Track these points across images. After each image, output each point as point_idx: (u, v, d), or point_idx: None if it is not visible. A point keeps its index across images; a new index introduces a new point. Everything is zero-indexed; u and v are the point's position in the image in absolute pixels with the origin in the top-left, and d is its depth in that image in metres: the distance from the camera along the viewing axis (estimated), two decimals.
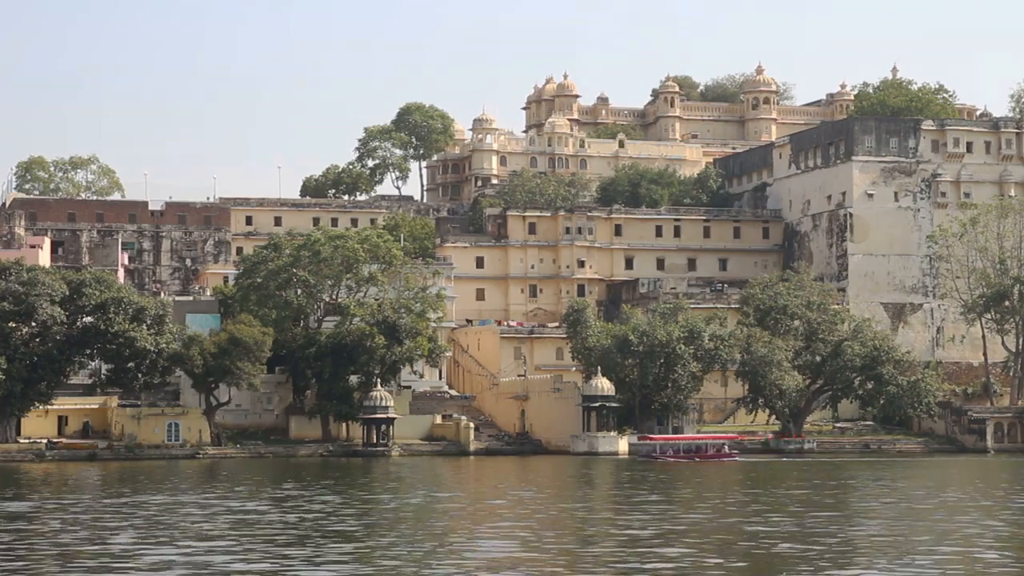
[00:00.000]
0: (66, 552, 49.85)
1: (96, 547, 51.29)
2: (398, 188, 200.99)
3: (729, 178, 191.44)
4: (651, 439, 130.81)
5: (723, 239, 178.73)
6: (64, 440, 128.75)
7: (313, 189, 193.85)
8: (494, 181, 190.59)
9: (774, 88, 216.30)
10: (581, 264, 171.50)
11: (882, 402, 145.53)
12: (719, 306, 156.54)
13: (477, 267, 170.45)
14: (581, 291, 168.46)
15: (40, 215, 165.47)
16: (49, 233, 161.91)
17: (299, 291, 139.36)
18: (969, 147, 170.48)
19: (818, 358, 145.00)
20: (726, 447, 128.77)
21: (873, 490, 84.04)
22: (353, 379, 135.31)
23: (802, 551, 49.25)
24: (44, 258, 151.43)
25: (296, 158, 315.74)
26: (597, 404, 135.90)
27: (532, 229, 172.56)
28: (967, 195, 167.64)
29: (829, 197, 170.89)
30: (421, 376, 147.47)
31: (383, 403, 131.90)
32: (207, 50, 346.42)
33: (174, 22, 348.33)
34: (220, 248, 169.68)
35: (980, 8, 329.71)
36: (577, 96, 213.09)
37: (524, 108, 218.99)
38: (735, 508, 69.10)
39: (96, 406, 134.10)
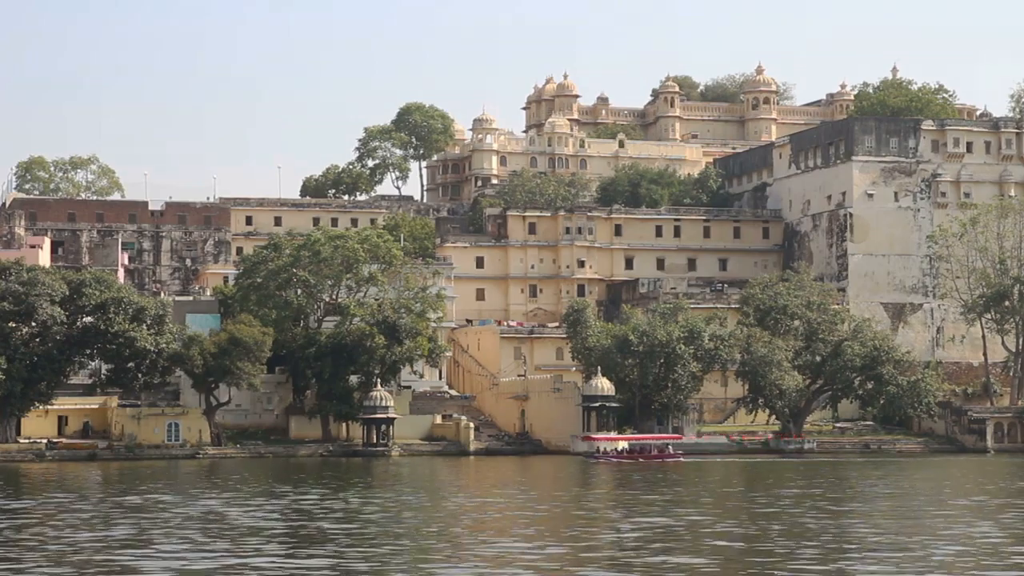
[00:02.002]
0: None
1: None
2: (398, 188, 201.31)
3: (729, 178, 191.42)
4: (593, 439, 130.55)
5: (723, 239, 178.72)
6: (64, 440, 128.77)
7: (313, 189, 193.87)
8: (494, 181, 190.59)
9: (774, 88, 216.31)
10: (581, 264, 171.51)
11: (882, 402, 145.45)
12: (719, 306, 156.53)
13: (477, 267, 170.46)
14: (581, 291, 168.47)
15: (40, 215, 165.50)
16: (49, 233, 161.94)
17: (299, 291, 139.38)
18: (969, 147, 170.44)
19: (818, 358, 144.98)
20: (670, 447, 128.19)
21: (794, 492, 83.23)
22: (353, 379, 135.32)
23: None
24: (44, 258, 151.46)
25: (296, 158, 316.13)
26: (597, 404, 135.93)
27: (532, 229, 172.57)
28: (967, 195, 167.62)
29: (829, 197, 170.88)
30: (421, 376, 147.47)
31: (383, 403, 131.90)
32: (207, 50, 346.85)
33: (174, 22, 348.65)
34: (220, 248, 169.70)
35: (980, 8, 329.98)
36: (577, 96, 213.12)
37: (524, 108, 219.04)
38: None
39: (96, 406, 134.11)
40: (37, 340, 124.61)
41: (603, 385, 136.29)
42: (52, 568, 45.57)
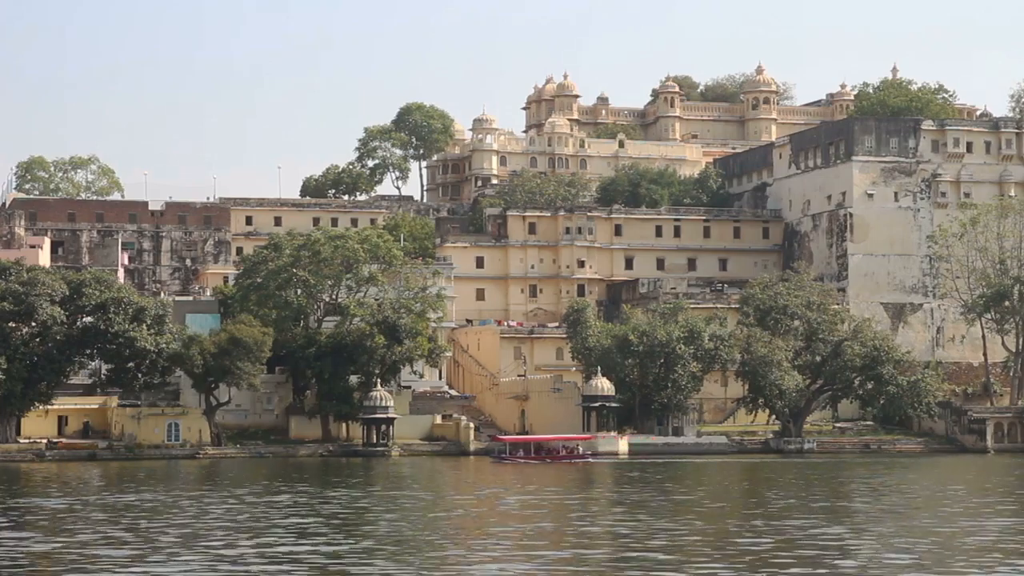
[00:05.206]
0: None
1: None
2: (398, 188, 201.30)
3: (729, 178, 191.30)
4: (501, 439, 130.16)
5: (723, 239, 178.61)
6: (64, 440, 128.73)
7: (313, 189, 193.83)
8: (494, 181, 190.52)
9: (774, 88, 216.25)
10: (581, 264, 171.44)
11: (882, 402, 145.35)
12: (719, 306, 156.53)
13: (477, 267, 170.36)
14: (581, 291, 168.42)
15: (40, 215, 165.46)
16: (49, 233, 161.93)
17: (299, 291, 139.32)
18: (969, 147, 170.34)
19: (818, 358, 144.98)
20: (579, 448, 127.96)
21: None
22: (353, 379, 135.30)
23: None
24: (44, 258, 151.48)
25: (296, 158, 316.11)
26: (597, 404, 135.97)
27: (532, 229, 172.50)
28: (967, 195, 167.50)
29: (829, 197, 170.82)
30: (421, 376, 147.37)
31: (383, 403, 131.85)
32: (207, 50, 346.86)
33: (174, 22, 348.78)
34: (220, 248, 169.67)
35: (980, 8, 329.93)
36: (577, 96, 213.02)
37: (524, 108, 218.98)
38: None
39: (96, 406, 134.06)
40: (37, 340, 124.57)
41: (603, 385, 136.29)
42: None
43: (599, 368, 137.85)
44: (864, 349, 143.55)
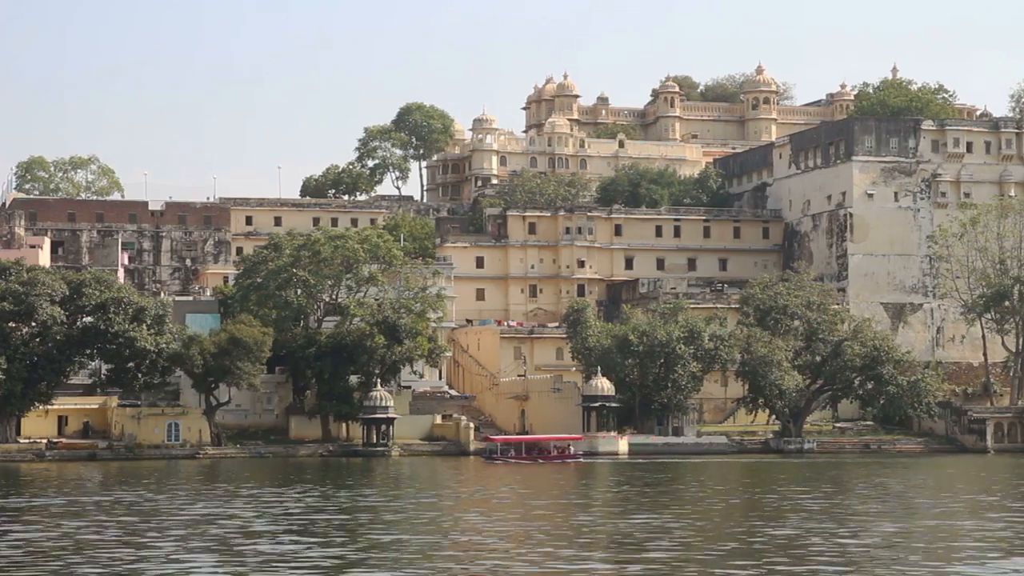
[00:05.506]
0: None
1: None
2: (398, 188, 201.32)
3: (729, 178, 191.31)
4: (493, 439, 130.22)
5: (723, 239, 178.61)
6: (64, 440, 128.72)
7: (313, 189, 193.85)
8: (494, 181, 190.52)
9: (774, 88, 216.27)
10: (581, 264, 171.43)
11: (882, 402, 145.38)
12: (719, 306, 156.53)
13: (477, 267, 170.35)
14: (581, 291, 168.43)
15: (40, 215, 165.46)
16: (49, 233, 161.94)
17: (299, 291, 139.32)
18: (969, 147, 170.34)
19: (818, 358, 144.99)
20: (571, 448, 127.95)
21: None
22: (353, 379, 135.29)
23: None
24: (44, 258, 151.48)
25: (296, 158, 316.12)
26: (597, 404, 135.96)
27: (532, 229, 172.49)
28: (967, 195, 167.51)
29: (829, 197, 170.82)
30: (421, 376, 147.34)
31: (383, 403, 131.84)
32: (207, 50, 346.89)
33: (174, 22, 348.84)
34: (220, 248, 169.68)
35: (980, 8, 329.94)
36: (577, 96, 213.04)
37: (524, 108, 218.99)
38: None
39: (96, 406, 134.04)
40: (37, 340, 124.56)
41: (603, 385, 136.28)
42: None
43: (599, 368, 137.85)
44: (864, 349, 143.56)
